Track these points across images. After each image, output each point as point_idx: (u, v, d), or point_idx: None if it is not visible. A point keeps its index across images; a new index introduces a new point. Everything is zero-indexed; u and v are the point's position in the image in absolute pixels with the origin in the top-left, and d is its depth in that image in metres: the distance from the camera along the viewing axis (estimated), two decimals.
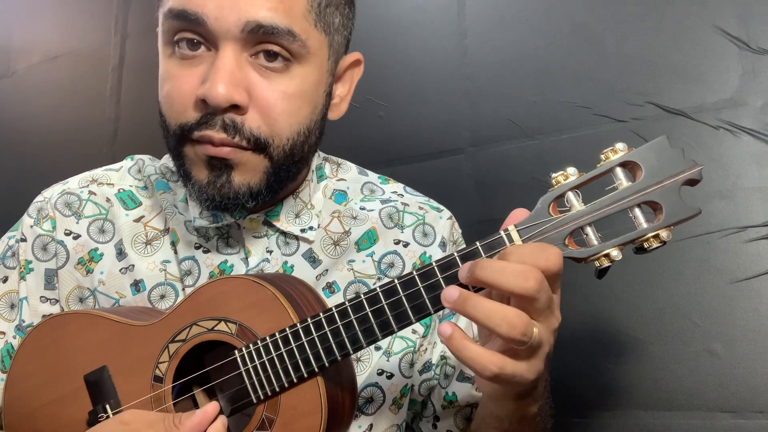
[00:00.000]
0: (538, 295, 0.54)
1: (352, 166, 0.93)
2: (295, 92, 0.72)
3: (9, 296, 0.82)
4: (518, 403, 0.67)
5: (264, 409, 0.65)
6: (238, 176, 0.71)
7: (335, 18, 0.75)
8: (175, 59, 0.72)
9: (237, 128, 0.69)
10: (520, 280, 0.53)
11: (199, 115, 0.70)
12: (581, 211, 0.59)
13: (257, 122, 0.70)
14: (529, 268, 0.54)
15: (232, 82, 0.68)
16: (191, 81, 0.70)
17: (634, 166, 0.58)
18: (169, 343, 0.69)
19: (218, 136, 0.69)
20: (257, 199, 0.73)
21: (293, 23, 0.69)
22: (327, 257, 0.82)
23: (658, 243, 0.58)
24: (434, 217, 0.88)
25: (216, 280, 0.69)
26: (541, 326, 0.56)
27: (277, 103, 0.70)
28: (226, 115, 0.69)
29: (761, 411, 0.91)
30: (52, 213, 0.83)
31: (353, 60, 0.82)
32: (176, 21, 0.70)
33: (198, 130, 0.70)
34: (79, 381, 0.71)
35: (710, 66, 1.01)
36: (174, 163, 0.76)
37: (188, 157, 0.73)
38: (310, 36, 0.71)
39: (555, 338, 0.59)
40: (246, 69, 0.70)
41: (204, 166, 0.72)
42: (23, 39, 1.90)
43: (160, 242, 0.82)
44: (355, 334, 0.63)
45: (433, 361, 0.84)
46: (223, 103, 0.68)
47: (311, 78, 0.73)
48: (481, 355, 0.55)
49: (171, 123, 0.72)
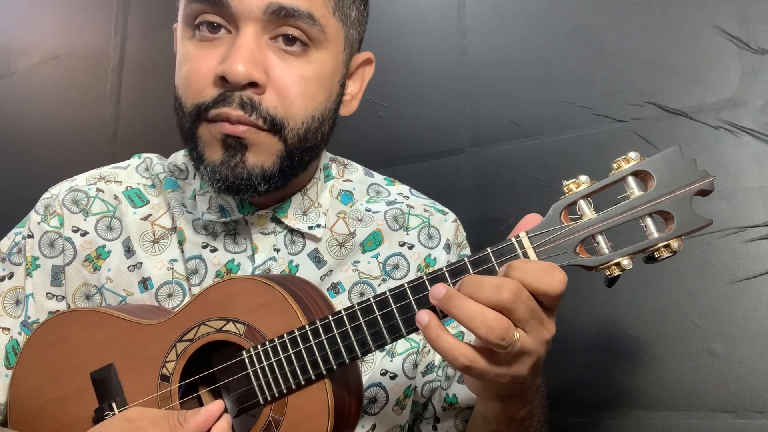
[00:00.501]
0: (513, 306, 0.55)
1: (359, 167, 0.93)
2: (312, 76, 0.73)
3: (14, 292, 0.82)
4: (504, 405, 0.67)
5: (271, 411, 0.65)
6: (252, 157, 0.72)
7: (352, 11, 0.77)
8: (195, 41, 0.73)
9: (254, 106, 0.70)
10: (493, 293, 0.55)
11: (216, 93, 0.71)
12: (593, 220, 0.59)
13: (274, 103, 0.71)
14: (505, 281, 0.55)
15: (252, 60, 0.69)
16: (210, 62, 0.71)
17: (646, 176, 0.59)
18: (177, 342, 0.69)
19: (235, 113, 0.70)
20: (269, 183, 0.73)
21: (313, 7, 0.71)
22: (332, 258, 0.82)
23: (668, 253, 0.58)
24: (439, 220, 0.88)
25: (225, 280, 0.70)
26: (527, 336, 0.57)
27: (294, 86, 0.71)
28: (244, 93, 0.70)
29: (761, 411, 0.91)
30: (59, 210, 0.83)
31: (365, 58, 0.83)
32: (200, 4, 0.71)
33: (215, 108, 0.71)
34: (86, 378, 0.71)
35: (710, 66, 1.01)
36: (186, 147, 0.76)
37: (202, 138, 0.73)
38: (329, 22, 0.73)
39: (547, 349, 0.60)
40: (265, 50, 0.71)
41: (219, 145, 0.72)
42: (23, 39, 1.90)
43: (168, 241, 0.82)
44: (363, 337, 0.63)
45: (435, 363, 0.85)
46: (243, 80, 0.69)
47: (328, 65, 0.74)
48: (453, 346, 0.57)
49: (187, 104, 0.73)
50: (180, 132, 0.77)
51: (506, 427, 0.70)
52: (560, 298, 0.57)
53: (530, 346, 0.57)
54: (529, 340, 0.57)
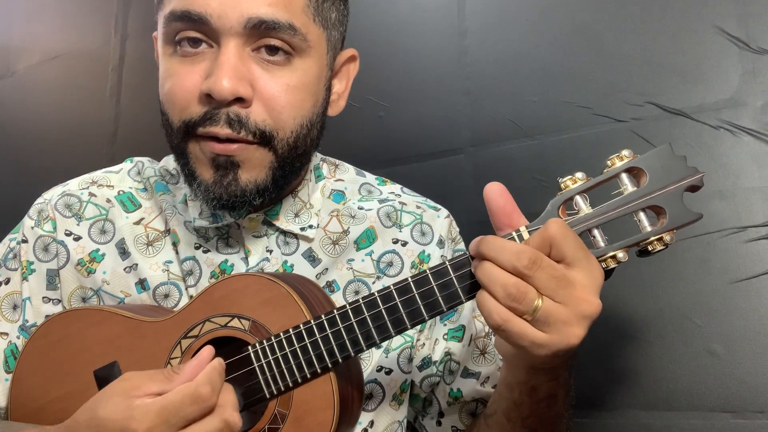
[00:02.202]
0: (530, 273, 0.57)
1: (350, 167, 0.94)
2: (298, 84, 0.73)
3: (11, 297, 0.82)
4: (530, 374, 0.67)
5: (276, 404, 0.66)
6: (244, 174, 0.72)
7: (332, 13, 0.77)
8: (177, 57, 0.73)
9: (242, 122, 0.70)
10: (513, 258, 0.57)
11: (203, 111, 0.71)
12: (589, 214, 0.61)
13: (262, 115, 0.71)
14: (525, 248, 0.57)
15: (236, 76, 0.69)
16: (193, 77, 0.71)
17: (639, 172, 0.61)
18: (182, 339, 0.69)
19: (223, 132, 0.70)
20: (264, 196, 0.74)
21: (293, 18, 0.71)
22: (326, 256, 0.82)
23: (661, 246, 0.61)
24: (432, 216, 0.88)
25: (229, 277, 0.70)
26: (557, 305, 0.57)
27: (281, 95, 0.72)
28: (231, 109, 0.70)
29: (761, 411, 0.91)
30: (52, 214, 0.83)
31: (349, 56, 0.84)
32: (179, 23, 0.71)
33: (202, 127, 0.71)
34: (89, 376, 0.71)
35: (710, 66, 1.01)
36: (177, 161, 0.77)
37: (193, 154, 0.73)
38: (310, 30, 0.73)
39: (588, 325, 0.59)
40: (249, 63, 0.71)
41: (209, 165, 0.72)
42: (23, 39, 1.90)
43: (162, 243, 0.82)
44: (368, 330, 0.64)
45: (434, 358, 0.85)
46: (229, 96, 0.69)
47: (312, 71, 0.75)
48: (492, 303, 0.58)
49: (174, 120, 0.73)
50: (170, 146, 0.77)
51: (528, 398, 0.70)
52: (570, 244, 0.58)
53: (562, 315, 0.57)
54: (560, 308, 0.57)
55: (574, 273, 0.58)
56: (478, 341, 0.86)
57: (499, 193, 0.62)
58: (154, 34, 0.80)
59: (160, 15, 0.75)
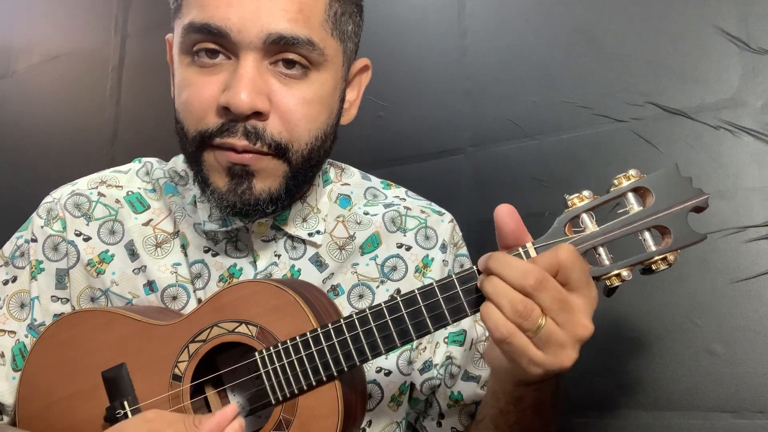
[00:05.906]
0: (535, 293, 0.58)
1: (356, 171, 0.94)
2: (314, 98, 0.73)
3: (19, 296, 0.82)
4: (516, 386, 0.69)
5: (281, 411, 0.67)
6: (259, 183, 0.73)
7: (348, 26, 0.77)
8: (194, 67, 0.73)
9: (259, 134, 0.71)
10: (521, 277, 0.58)
11: (220, 122, 0.71)
12: (595, 233, 0.62)
13: (278, 128, 0.72)
14: (533, 268, 0.58)
15: (254, 90, 0.69)
16: (211, 88, 0.71)
17: (645, 192, 0.62)
18: (190, 343, 0.70)
19: (241, 143, 0.71)
20: (277, 204, 0.75)
21: (312, 33, 0.71)
22: (333, 261, 0.83)
23: (665, 265, 0.62)
24: (436, 221, 0.89)
25: (237, 283, 0.71)
26: (558, 327, 0.59)
27: (297, 109, 0.72)
28: (248, 122, 0.71)
29: (761, 411, 0.91)
30: (62, 213, 0.83)
31: (362, 65, 0.84)
32: (198, 34, 0.71)
33: (219, 137, 0.71)
34: (97, 377, 0.72)
35: (710, 66, 1.01)
36: (191, 168, 0.77)
37: (207, 162, 0.74)
38: (327, 44, 0.73)
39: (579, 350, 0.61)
40: (266, 76, 0.71)
41: (224, 173, 0.73)
42: (23, 39, 1.89)
43: (171, 245, 0.82)
44: (374, 340, 0.65)
45: (435, 361, 0.85)
46: (247, 111, 0.69)
47: (328, 84, 0.75)
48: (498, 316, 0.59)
49: (190, 129, 0.73)
50: (183, 153, 0.78)
51: (514, 407, 0.72)
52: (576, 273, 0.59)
53: (561, 337, 0.59)
54: (560, 330, 0.59)
55: (575, 297, 0.60)
56: (478, 345, 0.87)
57: (510, 216, 0.63)
58: (168, 36, 0.79)
59: (178, 24, 0.75)
